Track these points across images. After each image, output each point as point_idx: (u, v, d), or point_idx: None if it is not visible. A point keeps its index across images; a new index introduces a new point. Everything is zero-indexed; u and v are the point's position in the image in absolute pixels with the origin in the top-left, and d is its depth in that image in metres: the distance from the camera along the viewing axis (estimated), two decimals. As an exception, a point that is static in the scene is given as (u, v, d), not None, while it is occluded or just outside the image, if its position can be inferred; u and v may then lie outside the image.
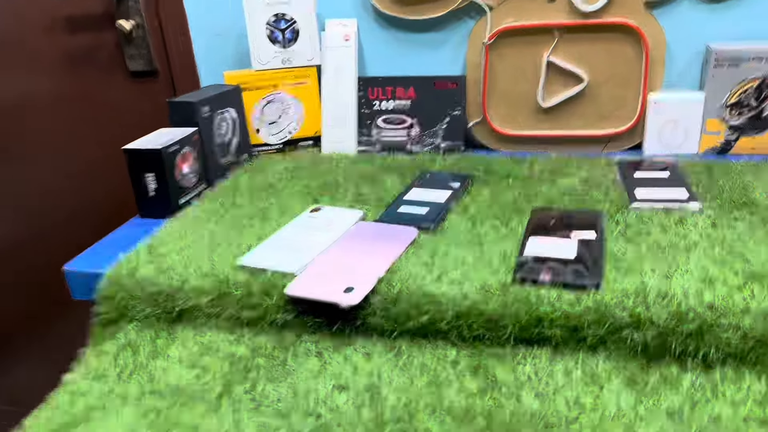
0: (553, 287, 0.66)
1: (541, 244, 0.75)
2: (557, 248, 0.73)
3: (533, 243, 0.75)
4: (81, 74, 1.35)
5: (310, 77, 1.16)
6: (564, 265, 0.69)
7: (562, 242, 0.75)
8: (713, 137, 1.06)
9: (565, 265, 0.69)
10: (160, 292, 0.75)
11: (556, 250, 0.73)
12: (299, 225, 0.85)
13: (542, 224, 0.80)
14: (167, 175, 0.93)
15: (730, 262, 0.69)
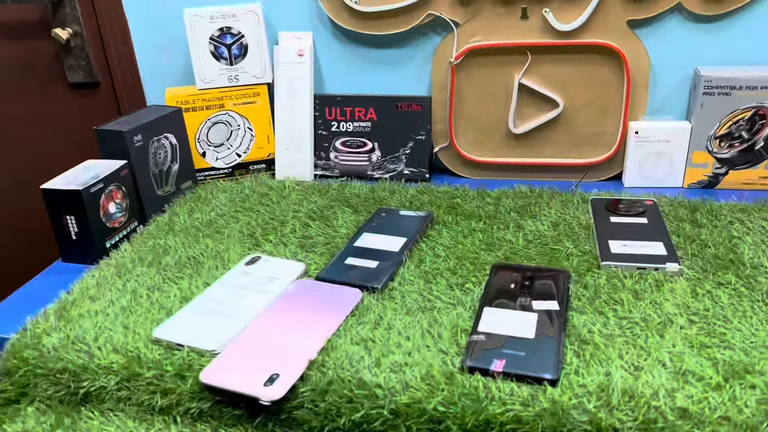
0: (506, 380, 0.57)
1: (498, 317, 0.65)
2: (515, 324, 0.64)
3: (489, 316, 0.66)
4: (17, 85, 1.24)
5: (261, 96, 1.06)
6: (520, 350, 0.60)
7: (521, 316, 0.66)
8: (700, 170, 0.97)
9: (521, 350, 0.60)
10: (65, 370, 0.66)
11: (514, 327, 0.64)
12: (230, 283, 0.75)
13: (502, 287, 0.71)
14: (90, 218, 0.83)
15: (708, 348, 0.60)
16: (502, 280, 0.72)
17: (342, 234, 0.88)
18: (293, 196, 1.00)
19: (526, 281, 0.72)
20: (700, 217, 0.86)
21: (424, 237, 0.86)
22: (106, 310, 0.73)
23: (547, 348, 0.60)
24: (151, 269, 0.81)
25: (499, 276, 0.73)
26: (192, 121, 1.05)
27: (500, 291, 0.70)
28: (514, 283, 0.72)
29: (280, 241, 0.87)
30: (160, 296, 0.75)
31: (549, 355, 0.59)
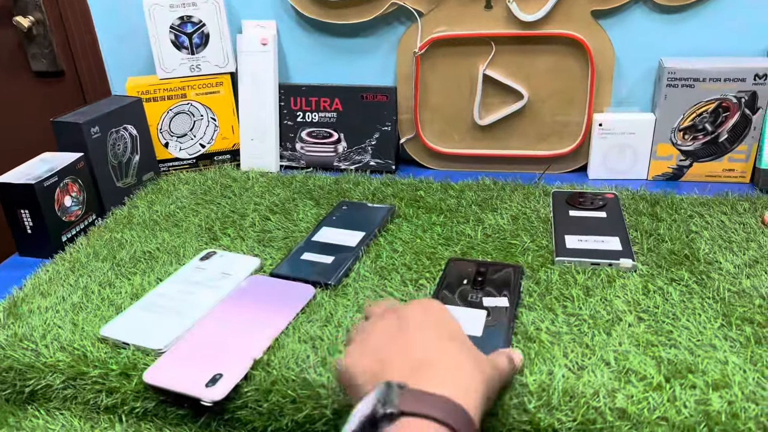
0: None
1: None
2: (463, 321, 0.63)
3: None
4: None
5: (224, 85, 1.04)
6: None
7: (471, 313, 0.65)
8: (664, 163, 0.97)
9: None
10: (11, 368, 0.65)
11: (462, 324, 0.63)
12: (183, 279, 0.75)
13: (454, 283, 0.71)
14: (44, 212, 0.82)
15: (653, 346, 0.60)
16: (455, 275, 0.72)
17: (302, 228, 0.87)
18: (256, 188, 0.99)
19: (478, 276, 0.71)
20: (660, 210, 0.85)
21: (384, 231, 0.85)
22: (57, 307, 0.72)
23: (494, 346, 0.59)
24: (105, 264, 0.80)
25: (453, 270, 0.73)
26: (153, 112, 1.03)
27: (452, 286, 0.70)
28: (467, 278, 0.71)
29: (238, 235, 0.86)
30: (111, 292, 0.74)
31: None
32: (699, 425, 0.52)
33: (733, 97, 0.90)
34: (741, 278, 0.70)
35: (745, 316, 0.64)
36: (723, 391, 0.54)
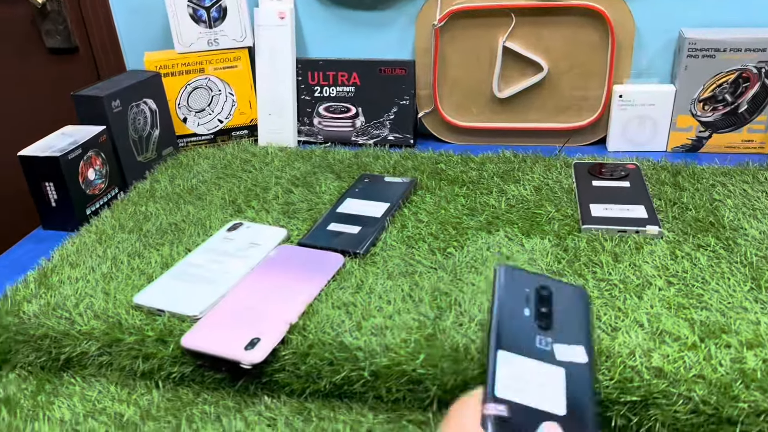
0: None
1: (517, 371, 0.45)
2: (540, 386, 0.44)
3: (506, 367, 0.45)
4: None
5: (242, 60, 1.04)
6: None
7: (545, 371, 0.45)
8: (683, 134, 0.97)
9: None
10: (46, 336, 0.66)
11: (540, 392, 0.44)
12: (212, 249, 0.75)
13: (513, 312, 0.49)
14: (69, 184, 0.82)
15: (685, 309, 0.61)
16: (512, 296, 0.50)
17: (325, 200, 0.87)
18: (276, 162, 1.00)
19: (542, 304, 0.50)
20: (682, 180, 0.86)
21: (407, 202, 0.85)
22: (87, 277, 0.72)
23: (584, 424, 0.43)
24: (132, 236, 0.80)
25: (508, 286, 0.51)
26: (172, 86, 1.03)
27: (513, 318, 0.49)
28: (527, 302, 0.50)
29: (262, 207, 0.86)
30: (141, 263, 0.74)
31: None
32: (735, 382, 0.52)
33: (753, 67, 0.91)
34: (767, 243, 0.71)
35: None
36: (757, 349, 0.55)
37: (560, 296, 0.50)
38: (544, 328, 0.48)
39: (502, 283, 0.51)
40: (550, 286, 0.51)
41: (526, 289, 0.51)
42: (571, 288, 0.52)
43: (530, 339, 0.47)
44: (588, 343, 0.48)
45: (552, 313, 0.49)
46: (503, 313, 0.48)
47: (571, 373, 0.45)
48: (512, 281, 0.51)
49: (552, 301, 0.50)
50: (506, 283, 0.51)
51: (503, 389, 0.43)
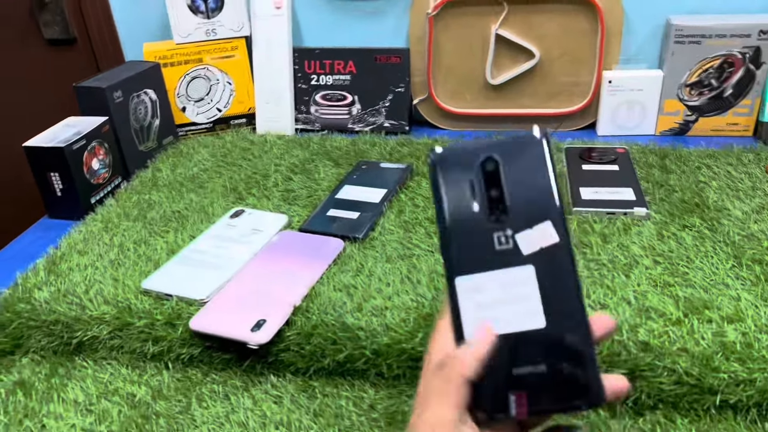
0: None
1: (482, 298, 0.37)
2: (509, 303, 0.37)
3: (469, 298, 0.37)
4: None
5: (239, 49, 1.06)
6: (537, 362, 0.36)
7: (510, 278, 0.37)
8: (671, 118, 1.00)
9: (538, 361, 0.36)
10: (58, 321, 0.68)
11: (510, 311, 0.37)
12: (216, 235, 0.77)
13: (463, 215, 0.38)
14: (74, 174, 0.84)
15: (670, 286, 0.64)
16: (455, 192, 0.39)
17: (324, 187, 0.90)
18: (275, 150, 1.02)
19: (491, 184, 0.38)
20: (669, 163, 0.89)
21: (404, 188, 0.88)
22: (95, 264, 0.75)
23: (571, 345, 0.36)
24: (137, 223, 0.83)
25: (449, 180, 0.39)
26: (171, 77, 1.05)
27: (462, 224, 0.38)
28: (473, 191, 0.39)
29: (263, 194, 0.89)
30: (147, 249, 0.77)
31: (579, 362, 0.36)
32: (717, 354, 0.56)
33: (738, 52, 0.93)
34: (749, 223, 0.74)
35: (755, 258, 0.68)
36: (737, 324, 0.58)
37: (510, 161, 0.38)
38: (500, 219, 0.38)
39: (441, 180, 0.39)
40: (495, 154, 0.38)
41: (469, 174, 0.39)
42: (519, 143, 0.39)
43: (488, 244, 0.38)
44: (556, 211, 0.37)
45: (504, 193, 0.38)
46: (450, 222, 0.38)
47: (542, 266, 0.37)
48: (451, 170, 0.39)
49: (501, 174, 0.38)
50: (445, 176, 0.39)
51: (472, 327, 0.37)
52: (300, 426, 0.58)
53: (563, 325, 0.36)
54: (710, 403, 0.55)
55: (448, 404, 0.34)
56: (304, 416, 0.59)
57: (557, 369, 0.36)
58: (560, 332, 0.36)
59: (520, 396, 0.36)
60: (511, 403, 0.36)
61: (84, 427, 0.60)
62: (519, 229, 0.37)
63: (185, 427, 0.59)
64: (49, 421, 0.61)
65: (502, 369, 0.36)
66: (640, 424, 0.56)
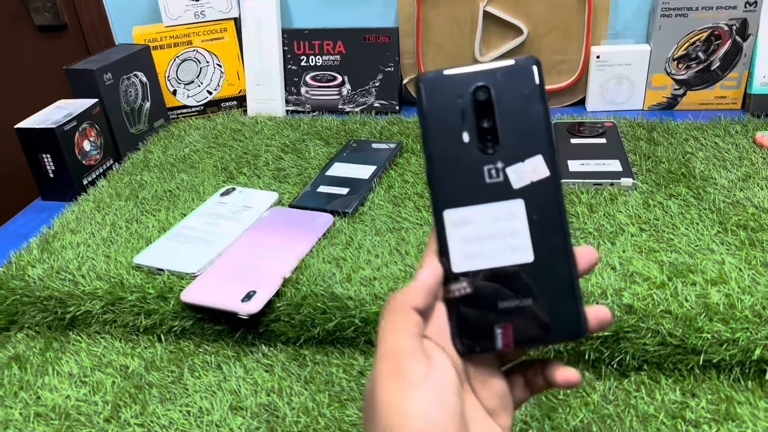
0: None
1: (470, 231, 0.37)
2: (497, 237, 0.36)
3: (456, 231, 0.37)
4: (-18, 28, 1.23)
5: (228, 31, 1.06)
6: (523, 295, 0.36)
7: (500, 212, 0.36)
8: (659, 92, 1.00)
9: (524, 295, 0.36)
10: (51, 297, 0.69)
11: (498, 244, 0.36)
12: (206, 212, 0.78)
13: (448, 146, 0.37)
14: (65, 155, 0.85)
15: (655, 252, 0.65)
16: (444, 121, 0.37)
17: (314, 165, 0.90)
18: (265, 131, 1.02)
19: (481, 114, 0.37)
20: (656, 135, 0.89)
21: (394, 165, 0.89)
22: (88, 242, 0.75)
23: (557, 278, 0.36)
24: (129, 203, 0.83)
25: (437, 107, 0.37)
26: (161, 59, 1.05)
27: (450, 155, 0.37)
28: (463, 120, 0.37)
29: (253, 173, 0.89)
30: (139, 227, 0.78)
31: (564, 295, 0.36)
32: (700, 315, 0.56)
33: (724, 24, 0.94)
34: (735, 191, 0.75)
35: (740, 223, 0.69)
36: (721, 286, 0.59)
37: (503, 90, 0.37)
38: (491, 150, 0.37)
39: (429, 106, 0.37)
40: (488, 81, 0.37)
41: (458, 101, 0.37)
42: (512, 69, 0.37)
43: (477, 176, 0.37)
44: (548, 145, 0.37)
45: (496, 124, 0.37)
46: (439, 152, 0.37)
47: (532, 201, 0.37)
48: (441, 96, 0.37)
49: (493, 104, 0.37)
50: (434, 103, 0.37)
51: (460, 260, 0.37)
52: (291, 392, 0.59)
53: (550, 260, 0.36)
54: (694, 363, 0.56)
55: (400, 332, 0.34)
56: (295, 383, 0.60)
57: (543, 302, 0.36)
58: (547, 266, 0.36)
59: (506, 329, 0.37)
60: (496, 336, 0.36)
61: (78, 397, 0.61)
62: (510, 162, 0.37)
63: (178, 396, 0.60)
64: (44, 392, 0.62)
65: (489, 303, 0.37)
66: (624, 385, 0.57)
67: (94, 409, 0.60)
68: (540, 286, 0.36)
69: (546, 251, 0.37)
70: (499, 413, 0.37)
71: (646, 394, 0.55)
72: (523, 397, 0.39)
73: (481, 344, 0.37)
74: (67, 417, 0.59)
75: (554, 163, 0.37)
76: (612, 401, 0.55)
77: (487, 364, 0.38)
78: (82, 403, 0.60)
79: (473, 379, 0.37)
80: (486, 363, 0.38)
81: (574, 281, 0.36)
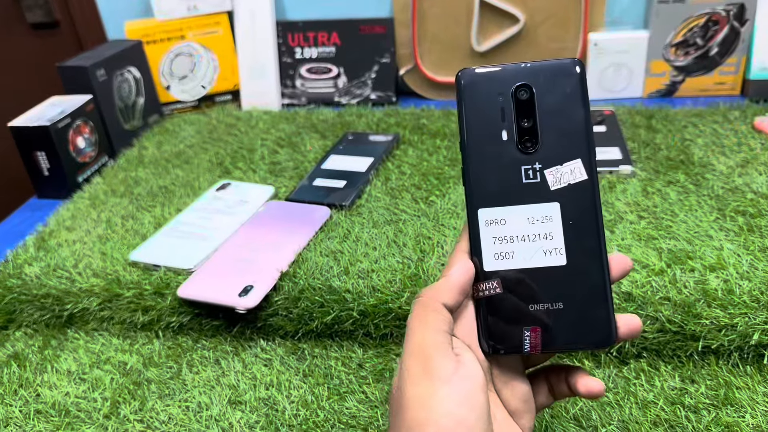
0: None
1: (504, 230, 0.37)
2: (531, 238, 0.36)
3: (490, 231, 0.37)
4: (-26, 26, 1.22)
5: (222, 24, 1.06)
6: (554, 298, 0.36)
7: (536, 214, 0.36)
8: (658, 79, 0.99)
9: (555, 298, 0.36)
10: (48, 295, 0.69)
11: (532, 245, 0.36)
12: (202, 207, 0.78)
13: (489, 143, 0.37)
14: (60, 152, 0.85)
15: (654, 239, 0.64)
16: (483, 117, 0.37)
17: (310, 158, 0.90)
18: (261, 125, 1.02)
19: (522, 113, 0.37)
20: (655, 123, 0.89)
21: (391, 157, 0.88)
22: (84, 239, 0.75)
23: (590, 284, 0.36)
24: (124, 199, 0.83)
25: (477, 103, 0.37)
26: (154, 55, 1.04)
27: (488, 152, 0.37)
28: (503, 118, 0.37)
29: (249, 168, 0.89)
30: (134, 224, 0.77)
31: (596, 302, 0.36)
32: (698, 302, 0.56)
33: (722, 10, 0.93)
34: (734, 177, 0.74)
35: (739, 209, 0.68)
36: (719, 272, 0.59)
37: (545, 91, 0.37)
38: (530, 150, 0.36)
39: (469, 103, 0.37)
40: (530, 81, 0.36)
41: (499, 98, 0.37)
42: (555, 68, 0.37)
43: (515, 176, 0.37)
44: (587, 147, 0.36)
45: (537, 124, 0.36)
46: (476, 150, 0.37)
47: (568, 204, 0.36)
48: (481, 93, 0.37)
49: (535, 104, 0.36)
50: (474, 99, 0.37)
51: (491, 260, 0.37)
52: (290, 386, 0.59)
53: (584, 264, 0.36)
54: (693, 349, 0.56)
55: (429, 328, 0.34)
56: (294, 377, 0.60)
57: (574, 307, 0.36)
58: (581, 271, 0.36)
59: (535, 332, 0.36)
60: (525, 339, 0.36)
61: (78, 394, 0.61)
62: (549, 164, 0.36)
63: (176, 391, 0.59)
64: (44, 390, 0.62)
65: (518, 304, 0.36)
66: (624, 373, 0.56)
67: (93, 406, 0.59)
68: (572, 291, 0.36)
69: (580, 256, 0.36)
70: (522, 414, 0.37)
71: (645, 381, 0.55)
72: (546, 403, 0.39)
73: (507, 345, 0.36)
74: (66, 414, 0.59)
75: (593, 167, 0.36)
76: (612, 389, 0.55)
77: (511, 365, 0.38)
78: (81, 400, 0.60)
79: (496, 379, 0.37)
80: (510, 364, 0.38)
81: (606, 288, 0.36)
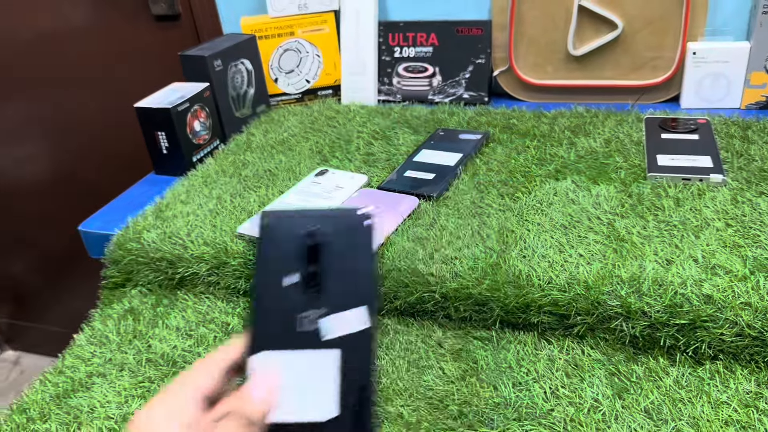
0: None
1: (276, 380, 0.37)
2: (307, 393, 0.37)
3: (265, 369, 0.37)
4: (106, 16, 1.35)
5: (328, 23, 1.12)
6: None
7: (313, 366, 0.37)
8: (757, 91, 0.97)
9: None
10: (163, 259, 0.77)
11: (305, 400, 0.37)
12: (302, 191, 0.84)
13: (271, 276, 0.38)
14: (178, 133, 0.93)
15: (740, 247, 0.64)
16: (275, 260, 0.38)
17: (402, 151, 0.95)
18: (358, 118, 1.07)
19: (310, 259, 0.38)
20: (751, 134, 0.87)
21: (479, 153, 0.91)
22: (196, 212, 0.83)
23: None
24: (233, 179, 0.91)
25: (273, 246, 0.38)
26: (265, 49, 1.12)
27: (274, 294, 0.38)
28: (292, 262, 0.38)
29: (345, 157, 0.95)
30: (242, 201, 0.84)
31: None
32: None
33: (834, 22, 0.90)
34: (832, 192, 0.73)
35: (834, 224, 0.67)
36: (807, 283, 0.59)
37: (334, 239, 0.37)
38: (314, 297, 0.37)
39: (265, 244, 0.38)
40: (317, 230, 0.37)
41: (291, 245, 0.37)
42: (345, 221, 0.38)
43: (293, 320, 0.37)
44: (373, 297, 0.37)
45: (323, 271, 0.37)
46: (260, 294, 0.37)
47: (348, 352, 0.36)
48: (278, 236, 0.38)
49: (322, 251, 0.37)
50: (270, 241, 0.38)
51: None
52: (372, 357, 0.63)
53: (353, 414, 0.36)
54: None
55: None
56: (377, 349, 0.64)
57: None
58: (349, 422, 0.36)
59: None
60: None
61: (184, 348, 0.68)
62: (332, 310, 0.37)
63: (271, 352, 0.65)
64: (155, 342, 0.70)
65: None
66: (698, 373, 0.57)
67: (197, 359, 0.66)
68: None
69: (351, 406, 0.36)
70: None
71: (720, 383, 0.56)
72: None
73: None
74: (174, 364, 0.67)
75: (376, 313, 0.37)
76: (684, 386, 0.56)
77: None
78: (187, 353, 0.68)
79: None
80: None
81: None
